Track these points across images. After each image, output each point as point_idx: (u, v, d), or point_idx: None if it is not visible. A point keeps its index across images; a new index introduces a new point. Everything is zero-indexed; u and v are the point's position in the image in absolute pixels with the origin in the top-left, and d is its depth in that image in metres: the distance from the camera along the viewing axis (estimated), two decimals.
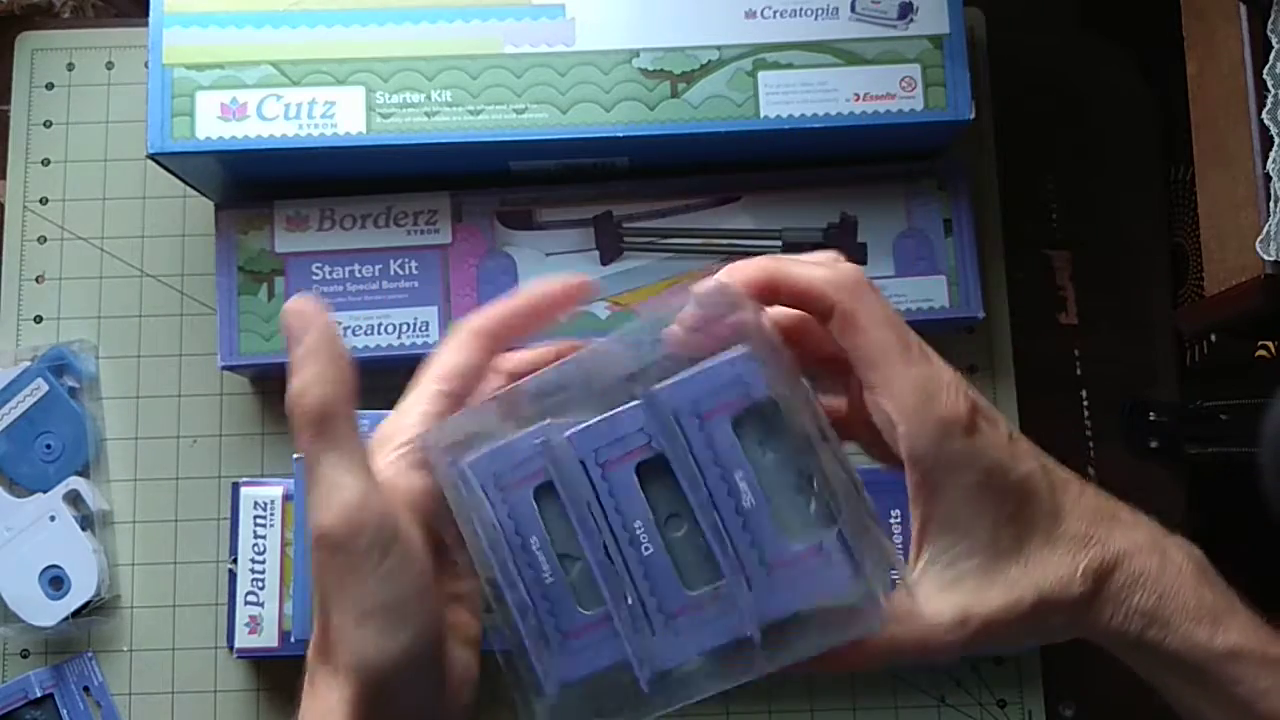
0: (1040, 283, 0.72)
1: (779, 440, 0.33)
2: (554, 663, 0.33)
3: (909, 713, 0.66)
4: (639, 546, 0.33)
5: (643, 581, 0.33)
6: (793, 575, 0.33)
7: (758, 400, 0.33)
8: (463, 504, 0.34)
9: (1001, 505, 0.35)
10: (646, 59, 0.63)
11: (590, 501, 0.33)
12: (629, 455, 0.33)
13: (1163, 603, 0.35)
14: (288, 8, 0.62)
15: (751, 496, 0.33)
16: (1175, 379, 0.72)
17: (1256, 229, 0.59)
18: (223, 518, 0.68)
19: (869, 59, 0.63)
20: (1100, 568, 0.35)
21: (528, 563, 0.33)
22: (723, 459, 0.33)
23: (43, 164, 0.71)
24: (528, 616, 0.33)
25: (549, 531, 0.34)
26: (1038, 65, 0.74)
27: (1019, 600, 0.35)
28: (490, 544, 0.33)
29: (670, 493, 0.33)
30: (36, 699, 0.66)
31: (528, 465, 0.34)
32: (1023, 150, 0.72)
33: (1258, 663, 0.35)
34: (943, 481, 0.34)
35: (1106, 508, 0.37)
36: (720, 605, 0.33)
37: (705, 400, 0.33)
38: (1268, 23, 0.60)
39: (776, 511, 0.33)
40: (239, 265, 0.66)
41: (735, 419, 0.33)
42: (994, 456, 0.35)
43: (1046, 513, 0.35)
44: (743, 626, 0.33)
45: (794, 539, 0.33)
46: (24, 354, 0.68)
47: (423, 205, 0.67)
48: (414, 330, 0.66)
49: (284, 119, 0.62)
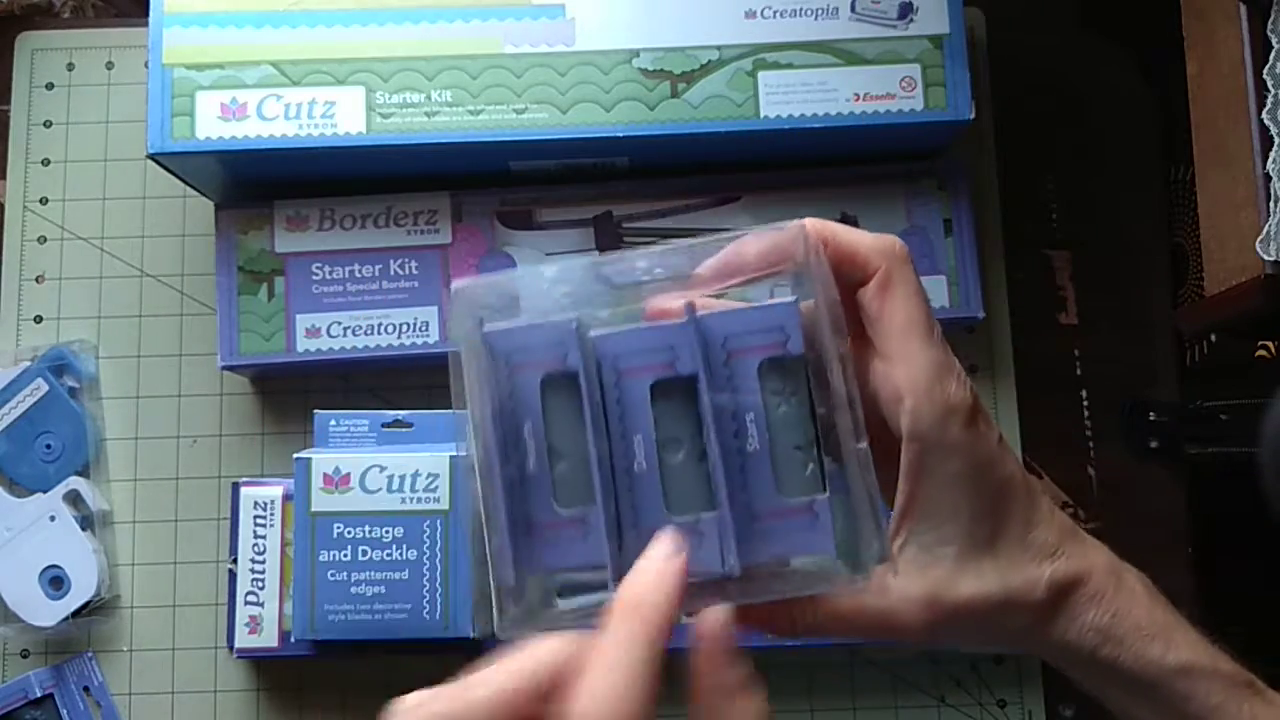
0: (1040, 283, 0.72)
1: (798, 396, 0.33)
2: (523, 550, 0.33)
3: (909, 713, 0.66)
4: (633, 460, 0.33)
5: (626, 494, 0.33)
6: (778, 527, 0.33)
7: (791, 353, 0.33)
8: (474, 368, 0.33)
9: (984, 499, 0.36)
10: (646, 59, 0.63)
11: (597, 403, 0.33)
12: (648, 370, 0.33)
13: (1116, 621, 0.37)
14: (288, 8, 0.62)
15: (757, 442, 0.33)
16: (1175, 379, 0.72)
17: (1256, 229, 0.59)
18: (223, 518, 0.68)
19: (869, 59, 0.63)
20: (1063, 580, 0.36)
21: (516, 446, 0.33)
22: (740, 399, 0.33)
23: (43, 164, 0.71)
24: (509, 496, 0.33)
25: (546, 422, 0.33)
26: (1038, 65, 0.74)
27: (987, 594, 0.36)
28: (491, 416, 0.33)
29: (675, 418, 0.33)
30: (36, 699, 0.66)
31: (546, 351, 0.33)
32: (1023, 150, 0.72)
33: (1208, 678, 0.37)
34: (935, 465, 0.35)
35: (1072, 527, 0.38)
36: (698, 537, 0.33)
37: (740, 337, 0.33)
38: (1268, 23, 0.60)
39: (777, 463, 0.33)
40: (239, 265, 0.66)
41: (762, 364, 0.33)
42: (986, 451, 0.36)
43: (1022, 517, 0.37)
44: (719, 560, 0.33)
45: (786, 493, 0.33)
46: (24, 354, 0.68)
47: (423, 205, 0.67)
48: (414, 330, 0.66)
49: (284, 119, 0.62)
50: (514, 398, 0.34)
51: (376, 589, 0.61)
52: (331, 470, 0.61)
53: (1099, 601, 0.37)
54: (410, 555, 0.61)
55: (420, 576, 0.61)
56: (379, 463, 0.62)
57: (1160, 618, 0.37)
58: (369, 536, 0.61)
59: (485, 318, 0.34)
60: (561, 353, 0.33)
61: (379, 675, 0.65)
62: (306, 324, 0.66)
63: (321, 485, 0.61)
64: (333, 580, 0.61)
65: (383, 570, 0.61)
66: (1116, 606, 0.37)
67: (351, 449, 0.64)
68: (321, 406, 0.66)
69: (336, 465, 0.62)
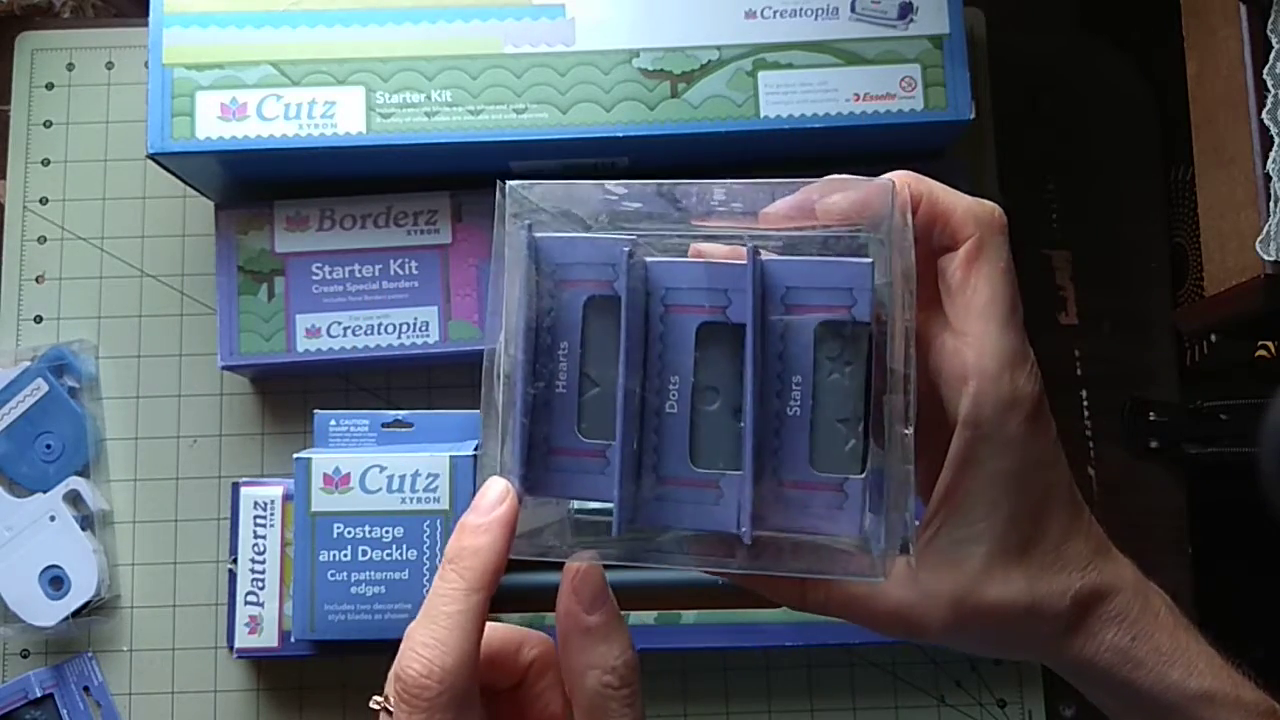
0: (1040, 283, 0.72)
1: (854, 366, 0.31)
2: (534, 472, 0.32)
3: (909, 713, 0.66)
4: (665, 400, 0.31)
5: (652, 435, 0.31)
6: (804, 500, 0.31)
7: (856, 319, 0.31)
8: (519, 273, 0.32)
9: (1027, 501, 0.34)
10: (646, 59, 0.63)
11: (637, 336, 0.31)
12: (698, 309, 0.31)
13: (1137, 643, 0.35)
14: (288, 8, 0.62)
15: (799, 406, 0.31)
16: (1175, 379, 0.72)
17: (1256, 229, 0.59)
18: (223, 518, 0.68)
19: (869, 59, 0.63)
20: (1089, 595, 0.35)
21: (548, 365, 0.32)
22: (790, 357, 0.31)
23: (43, 164, 0.71)
24: (530, 414, 0.32)
25: (584, 345, 0.32)
26: (1038, 65, 0.74)
27: (1013, 601, 0.34)
28: (525, 328, 0.31)
29: (717, 365, 0.31)
30: (36, 699, 0.66)
31: (595, 270, 0.31)
32: (1022, 150, 0.72)
33: (1230, 706, 0.36)
34: (986, 457, 0.33)
35: (1105, 542, 0.37)
36: (717, 493, 0.31)
37: (804, 292, 0.31)
38: (1268, 23, 0.60)
39: (816, 432, 0.31)
40: (239, 265, 0.66)
41: (821, 324, 0.31)
42: (1039, 451, 0.34)
43: (1062, 525, 0.35)
44: (734, 522, 0.31)
45: (820, 466, 0.31)
46: (24, 354, 0.68)
47: (423, 205, 0.67)
48: (414, 330, 0.66)
49: (284, 119, 0.62)
50: (555, 314, 0.32)
51: (376, 589, 0.61)
52: (331, 470, 0.61)
53: (1121, 621, 0.35)
54: (410, 555, 0.61)
55: (420, 576, 0.61)
56: (379, 463, 0.62)
57: (1183, 641, 0.36)
58: (369, 536, 0.61)
59: (535, 224, 0.32)
60: (610, 274, 0.31)
61: (379, 675, 0.65)
62: (306, 324, 0.66)
63: (321, 485, 0.61)
64: (333, 580, 0.61)
65: (383, 570, 0.61)
66: (1139, 628, 0.36)
67: (351, 449, 0.64)
68: (321, 406, 0.66)
69: (336, 465, 0.62)
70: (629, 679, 0.33)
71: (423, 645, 0.32)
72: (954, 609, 0.34)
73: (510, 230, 0.32)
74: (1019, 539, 0.34)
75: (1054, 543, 0.35)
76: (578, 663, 0.33)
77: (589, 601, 0.33)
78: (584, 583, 0.33)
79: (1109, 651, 0.35)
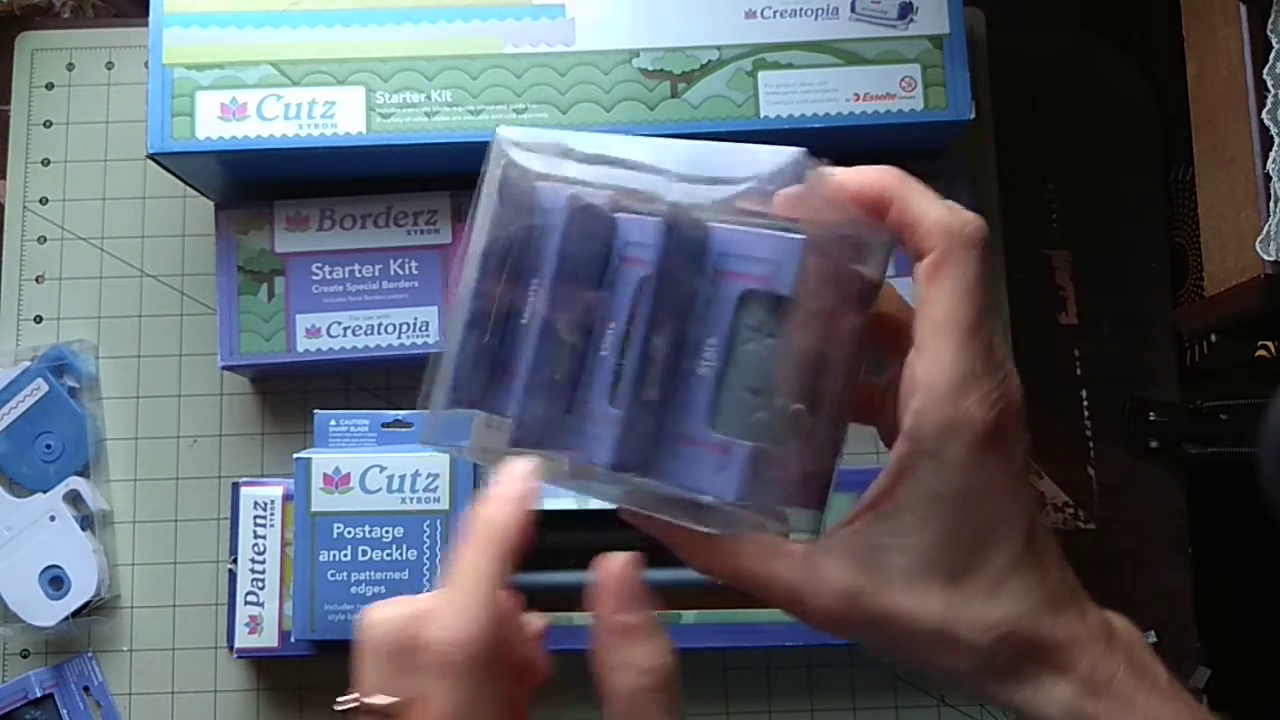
0: (1040, 283, 0.72)
1: (772, 340, 0.31)
2: (472, 387, 0.34)
3: (909, 713, 0.66)
4: (600, 339, 0.33)
5: (586, 374, 0.33)
6: (692, 456, 0.32)
7: (776, 291, 0.31)
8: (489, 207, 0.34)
9: (961, 527, 0.32)
10: (646, 59, 0.63)
11: (570, 276, 0.33)
12: (640, 263, 0.32)
13: (1100, 710, 0.32)
14: (288, 8, 0.62)
15: (709, 367, 0.32)
16: (1175, 379, 0.72)
17: (1256, 229, 0.59)
18: (223, 518, 0.68)
19: (869, 59, 0.63)
20: (1028, 642, 0.33)
21: (510, 293, 0.34)
22: (710, 319, 0.32)
23: (43, 164, 0.71)
24: (477, 331, 0.34)
25: (538, 277, 0.34)
26: (1038, 65, 0.74)
27: (919, 617, 0.32)
28: (481, 252, 0.34)
29: (642, 315, 0.32)
30: (36, 699, 0.66)
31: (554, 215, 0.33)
32: (1022, 150, 0.72)
33: None
34: (922, 473, 0.32)
35: (1069, 595, 0.34)
36: (604, 425, 0.32)
37: (734, 259, 0.32)
38: (1268, 23, 0.60)
39: (721, 395, 0.32)
40: (239, 265, 0.66)
41: (746, 293, 0.32)
42: (986, 481, 0.32)
43: (1003, 562, 0.33)
44: (608, 455, 0.32)
45: (717, 428, 0.32)
46: (24, 354, 0.68)
47: (423, 205, 0.67)
48: (414, 330, 0.66)
49: (284, 119, 0.62)
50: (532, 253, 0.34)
51: (376, 589, 0.61)
52: (331, 470, 0.61)
53: (1079, 682, 0.32)
54: (410, 555, 0.61)
55: (420, 576, 0.61)
56: (379, 463, 0.62)
57: (1150, 705, 0.32)
58: (369, 536, 0.61)
59: (513, 155, 0.34)
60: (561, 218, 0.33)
61: None
62: (306, 324, 0.66)
63: (321, 485, 0.61)
64: (333, 580, 0.61)
65: (383, 570, 0.61)
66: (1103, 694, 0.32)
67: (351, 449, 0.64)
68: (321, 406, 0.66)
69: (336, 465, 0.62)
70: (669, 683, 0.33)
71: (443, 613, 0.33)
72: (844, 603, 0.33)
73: (488, 170, 0.34)
74: (949, 564, 0.32)
75: (991, 577, 0.32)
76: (613, 660, 0.33)
77: (623, 602, 0.33)
78: (617, 583, 0.33)
79: (1062, 712, 0.32)
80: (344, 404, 0.69)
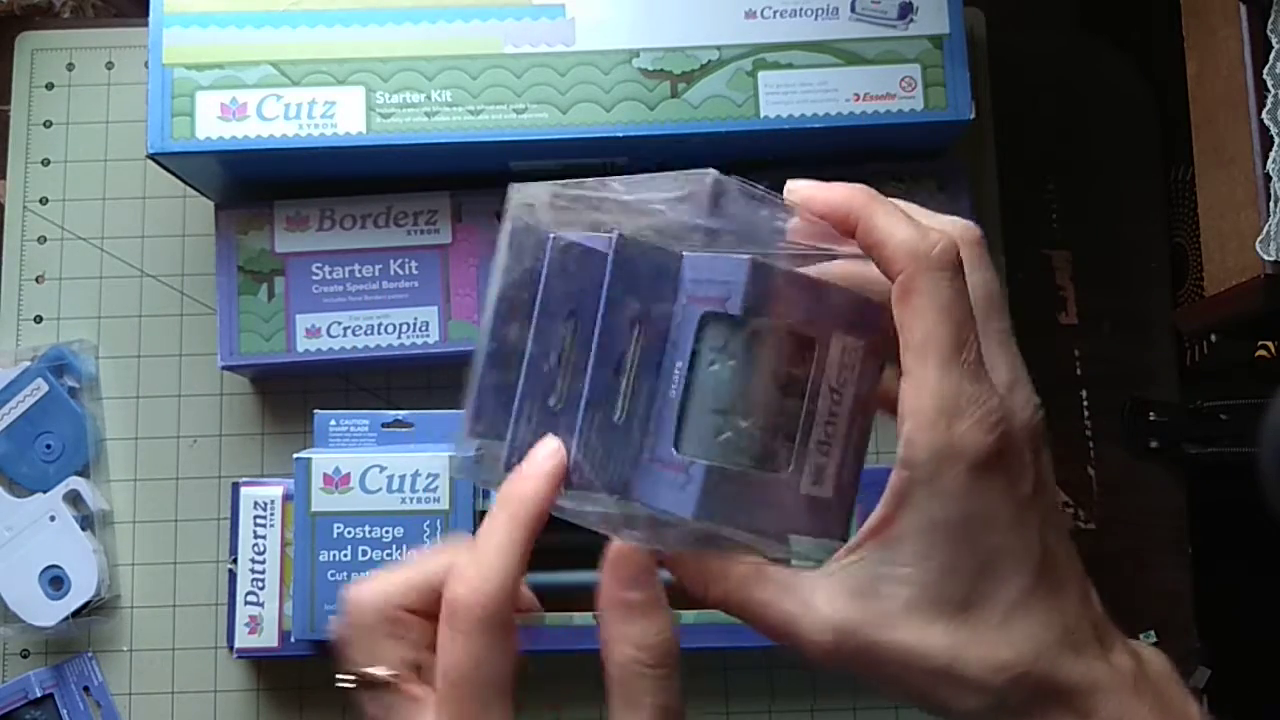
0: (1040, 283, 0.72)
1: (738, 362, 0.32)
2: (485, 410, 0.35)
3: (909, 713, 0.66)
4: (578, 361, 0.33)
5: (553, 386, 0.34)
6: (655, 475, 0.33)
7: (729, 311, 0.32)
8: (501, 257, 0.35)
9: (970, 558, 0.31)
10: (646, 59, 0.63)
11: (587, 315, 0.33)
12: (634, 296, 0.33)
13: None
14: (288, 8, 0.62)
15: (675, 390, 0.33)
16: (1175, 379, 0.72)
17: (1256, 229, 0.59)
18: (223, 518, 0.68)
19: (869, 59, 0.63)
20: (1044, 683, 0.31)
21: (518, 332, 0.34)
22: (676, 343, 0.33)
23: (43, 164, 0.71)
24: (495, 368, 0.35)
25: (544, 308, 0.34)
26: (1038, 65, 0.74)
27: (922, 654, 0.31)
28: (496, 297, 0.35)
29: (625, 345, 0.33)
30: (36, 699, 0.66)
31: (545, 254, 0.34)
32: (1023, 150, 0.72)
33: None
34: (920, 501, 0.31)
35: (1099, 635, 0.32)
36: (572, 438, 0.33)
37: (700, 285, 0.33)
38: (1268, 23, 0.60)
39: (685, 416, 0.32)
40: (239, 265, 0.66)
41: (707, 315, 0.32)
42: (987, 510, 0.31)
43: (1012, 596, 0.31)
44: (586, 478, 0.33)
45: (681, 449, 0.32)
46: (24, 354, 0.68)
47: (423, 205, 0.67)
48: (414, 330, 0.66)
49: (284, 119, 0.62)
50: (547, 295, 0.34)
51: None
52: (331, 470, 0.61)
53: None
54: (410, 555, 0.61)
55: None
56: (379, 463, 0.62)
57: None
58: (369, 536, 0.61)
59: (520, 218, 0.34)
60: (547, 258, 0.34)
61: None
62: (306, 324, 0.66)
63: (321, 485, 0.61)
64: (333, 580, 0.61)
65: None
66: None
67: (351, 449, 0.64)
68: (321, 406, 0.66)
69: (336, 465, 0.62)
70: (664, 660, 0.33)
71: (469, 570, 0.34)
72: (838, 637, 0.32)
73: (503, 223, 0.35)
74: (952, 597, 0.31)
75: (999, 613, 0.31)
76: (609, 634, 0.33)
77: (628, 579, 0.34)
78: (625, 561, 0.34)
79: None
80: (344, 404, 0.69)
